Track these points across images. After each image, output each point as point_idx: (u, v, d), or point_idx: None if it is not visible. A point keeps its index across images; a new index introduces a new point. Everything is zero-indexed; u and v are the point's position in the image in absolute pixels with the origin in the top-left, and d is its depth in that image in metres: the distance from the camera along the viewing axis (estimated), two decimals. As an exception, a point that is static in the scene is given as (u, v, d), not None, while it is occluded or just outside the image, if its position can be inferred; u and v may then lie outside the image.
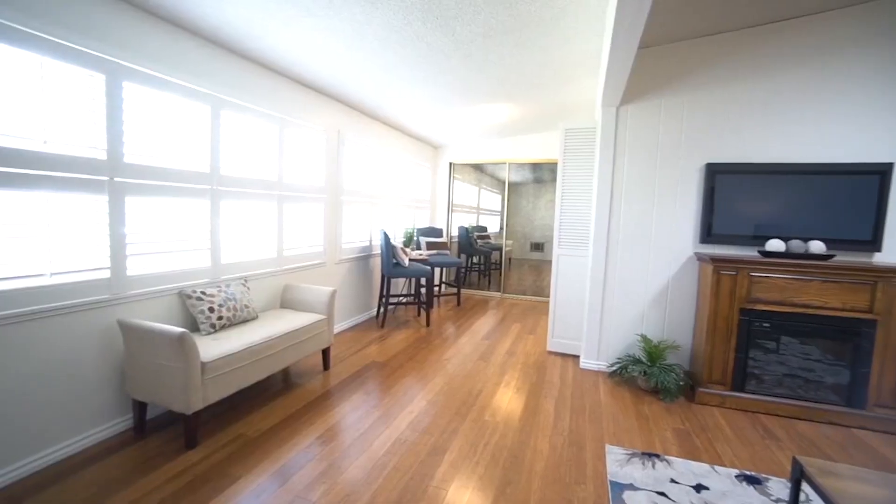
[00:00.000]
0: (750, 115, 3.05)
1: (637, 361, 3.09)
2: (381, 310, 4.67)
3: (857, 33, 2.83)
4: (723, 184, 3.07)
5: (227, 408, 2.61)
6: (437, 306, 5.60)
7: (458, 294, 5.76)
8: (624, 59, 2.42)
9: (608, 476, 2.08)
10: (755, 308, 2.77)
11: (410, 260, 4.78)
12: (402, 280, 5.52)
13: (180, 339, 2.04)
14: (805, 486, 1.48)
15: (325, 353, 3.25)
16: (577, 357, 3.67)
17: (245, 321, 2.80)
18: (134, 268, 2.35)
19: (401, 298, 5.29)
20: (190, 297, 2.55)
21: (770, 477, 2.11)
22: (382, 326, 4.48)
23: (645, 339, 3.17)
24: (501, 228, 6.67)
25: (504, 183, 6.43)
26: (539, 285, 6.57)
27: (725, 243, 3.09)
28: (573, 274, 3.69)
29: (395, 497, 1.89)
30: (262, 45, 2.85)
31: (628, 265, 3.35)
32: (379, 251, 4.89)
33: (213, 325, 2.55)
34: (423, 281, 4.97)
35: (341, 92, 3.86)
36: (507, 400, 2.87)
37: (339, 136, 4.06)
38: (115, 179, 2.23)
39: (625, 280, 3.36)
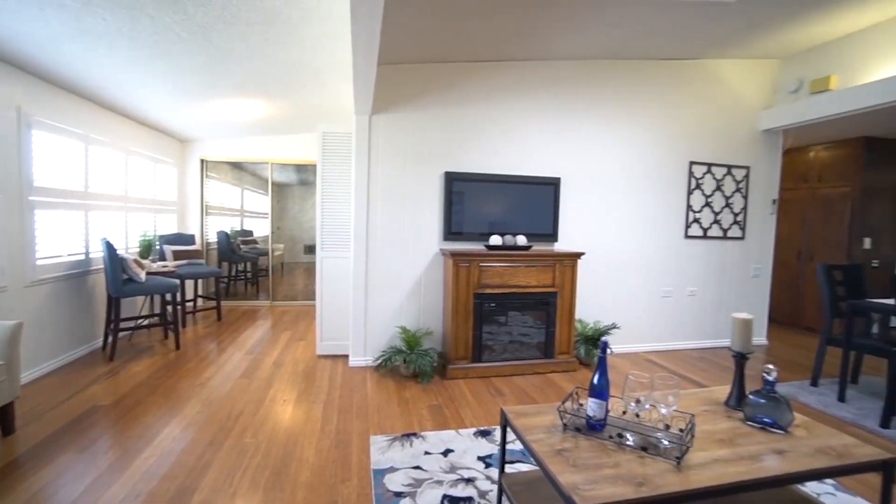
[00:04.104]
0: (476, 133, 3.71)
1: (399, 351, 3.38)
2: (110, 339, 3.74)
3: (531, 80, 3.79)
4: (459, 189, 3.64)
5: None
6: (193, 324, 4.85)
7: (217, 307, 5.12)
8: (367, 72, 2.59)
9: (371, 466, 2.21)
10: (485, 292, 3.41)
11: (149, 273, 3.98)
12: (140, 299, 4.55)
13: None
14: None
15: (6, 411, 2.38)
16: (346, 357, 3.76)
17: None
18: None
19: (140, 321, 4.35)
20: None
21: (496, 427, 2.64)
22: (112, 359, 3.59)
23: (404, 329, 3.50)
24: (272, 232, 6.25)
25: (269, 184, 6.03)
26: (312, 289, 6.41)
27: (464, 240, 3.69)
28: (338, 275, 3.77)
29: (119, 567, 1.55)
30: None
31: (386, 263, 3.62)
32: (102, 266, 3.89)
33: None
34: (169, 297, 4.20)
35: (26, 59, 2.90)
36: (273, 415, 2.72)
37: (22, 115, 3.03)
38: None
39: (384, 277, 3.63)
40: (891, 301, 2.97)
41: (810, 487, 2.07)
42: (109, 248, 3.52)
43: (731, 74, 4.28)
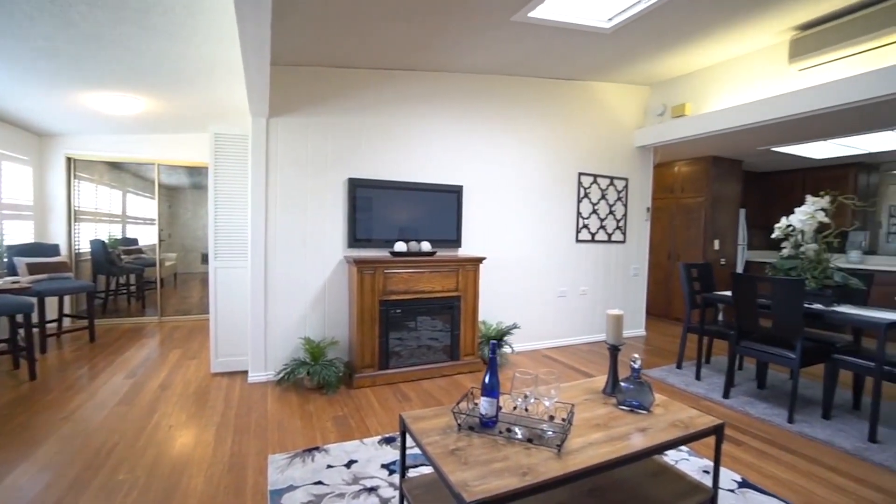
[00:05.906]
0: (380, 140, 3.72)
1: (302, 363, 3.25)
2: (-64, 372, 3.09)
3: (435, 90, 3.91)
4: (363, 196, 3.62)
5: None
6: (57, 348, 4.19)
7: (90, 327, 4.48)
8: (259, 72, 2.47)
9: (269, 487, 2.10)
10: (390, 299, 3.42)
11: (-6, 292, 3.36)
12: (-18, 322, 3.82)
13: None
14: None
15: None
16: (245, 373, 3.52)
17: None
18: None
19: (-18, 348, 3.65)
20: None
21: (402, 432, 2.66)
22: (-61, 397, 2.97)
23: (308, 340, 3.37)
24: (162, 240, 5.62)
25: (155, 187, 5.44)
26: (208, 301, 5.94)
27: (369, 247, 3.67)
28: (234, 286, 3.53)
29: None
30: None
31: (288, 272, 3.47)
32: (-76, 284, 3.20)
33: None
34: (21, 318, 3.58)
35: None
36: (154, 444, 2.45)
37: None
38: None
39: (286, 287, 3.47)
40: (729, 293, 3.55)
41: (670, 456, 2.39)
42: (-64, 262, 2.92)
43: (612, 96, 4.81)
